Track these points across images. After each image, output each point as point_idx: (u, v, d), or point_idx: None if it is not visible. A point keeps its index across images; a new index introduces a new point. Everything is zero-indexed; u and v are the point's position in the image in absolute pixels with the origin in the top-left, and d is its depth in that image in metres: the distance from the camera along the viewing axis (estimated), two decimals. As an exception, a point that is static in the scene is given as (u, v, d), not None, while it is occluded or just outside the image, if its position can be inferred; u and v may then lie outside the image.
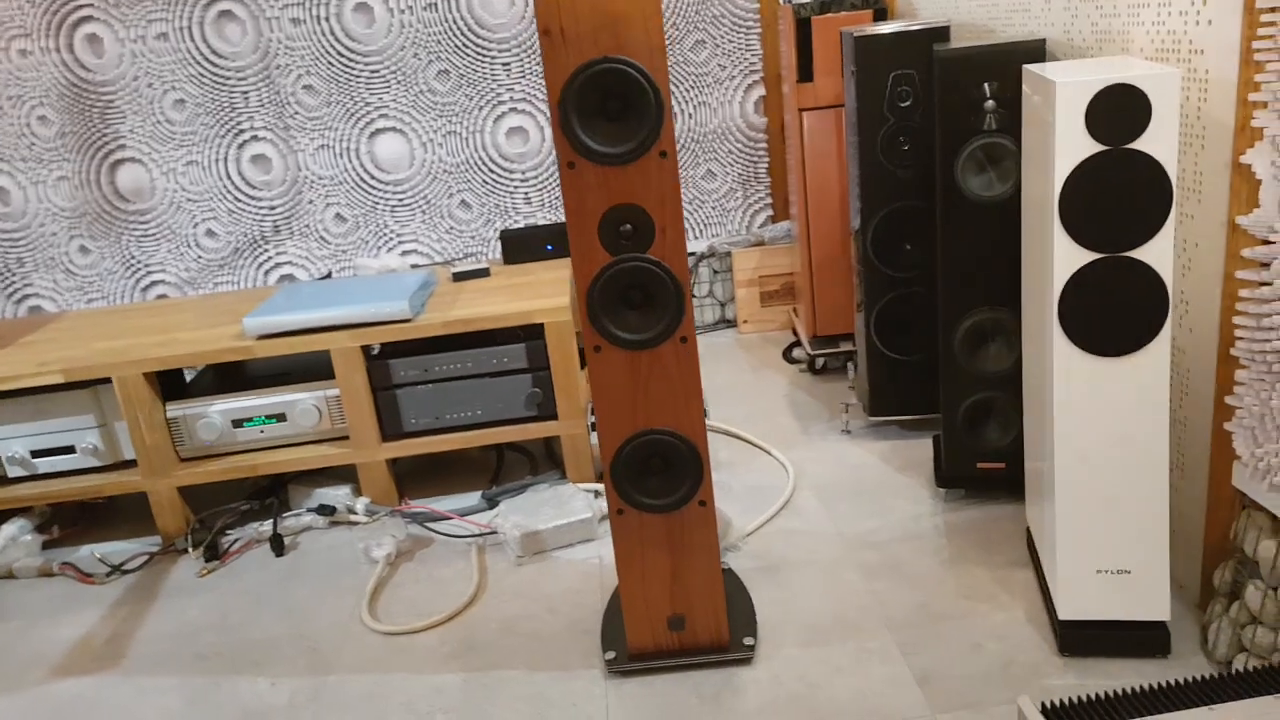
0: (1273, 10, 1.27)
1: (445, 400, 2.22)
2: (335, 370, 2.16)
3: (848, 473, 2.21)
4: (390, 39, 3.01)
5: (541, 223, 3.20)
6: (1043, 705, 1.08)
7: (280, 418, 2.22)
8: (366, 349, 2.21)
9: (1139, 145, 1.36)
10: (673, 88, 3.13)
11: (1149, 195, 1.38)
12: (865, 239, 2.20)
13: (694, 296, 3.28)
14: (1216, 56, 1.40)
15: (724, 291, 3.30)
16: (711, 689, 1.57)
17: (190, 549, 2.17)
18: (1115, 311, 1.43)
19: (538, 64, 3.06)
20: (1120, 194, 1.39)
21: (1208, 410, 1.52)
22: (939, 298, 1.96)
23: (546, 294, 2.26)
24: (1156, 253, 1.40)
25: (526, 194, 3.18)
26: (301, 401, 2.21)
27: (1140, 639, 1.52)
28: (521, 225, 3.21)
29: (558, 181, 3.17)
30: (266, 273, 3.22)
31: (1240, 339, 1.37)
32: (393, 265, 2.65)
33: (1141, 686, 1.19)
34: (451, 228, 3.20)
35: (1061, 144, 1.39)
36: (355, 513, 2.22)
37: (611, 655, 1.64)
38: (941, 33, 2.06)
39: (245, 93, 3.03)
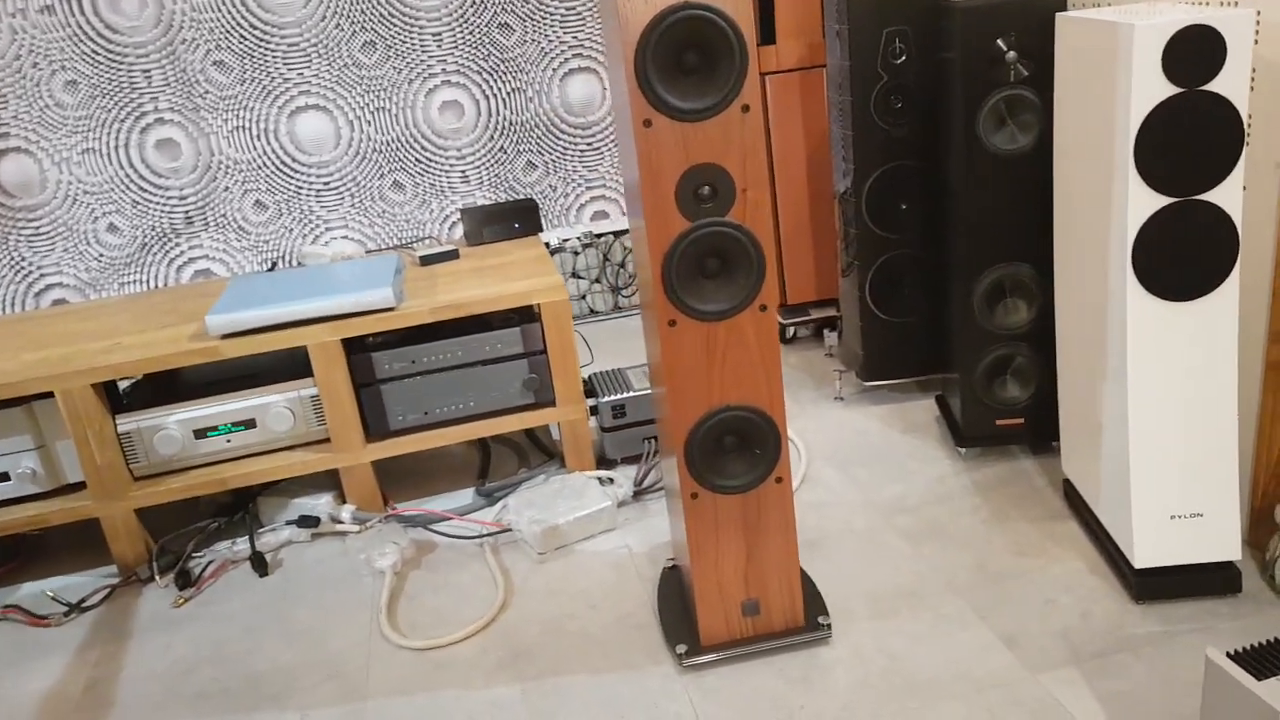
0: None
1: (435, 393, 2.05)
2: (314, 367, 1.96)
3: (854, 439, 2.18)
4: (309, 9, 2.77)
5: (482, 202, 3.04)
6: (1231, 653, 1.05)
7: (249, 424, 2.01)
8: (354, 341, 2.02)
9: (1213, 87, 1.36)
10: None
11: (1221, 138, 1.38)
12: (859, 200, 2.16)
13: (642, 272, 3.19)
14: (1276, -3, 1.40)
15: (670, 266, 3.21)
16: (797, 672, 1.50)
17: (157, 577, 1.94)
18: (1186, 256, 1.43)
19: (469, 33, 2.89)
20: (1192, 137, 1.38)
21: (1259, 349, 1.54)
22: (954, 255, 1.94)
23: (534, 273, 2.13)
24: (1227, 195, 1.40)
25: (464, 172, 3.01)
26: (273, 405, 2.00)
27: (1212, 580, 1.53)
28: (463, 205, 3.03)
29: (497, 158, 3.01)
30: (179, 269, 2.93)
31: (1314, 276, 1.39)
32: (347, 252, 2.44)
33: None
34: (384, 211, 3.00)
35: (1139, 86, 1.37)
36: (342, 522, 2.03)
37: (684, 648, 1.54)
38: (933, -12, 2.03)
39: (147, 71, 2.74)
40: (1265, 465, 1.56)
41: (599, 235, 3.14)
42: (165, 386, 2.10)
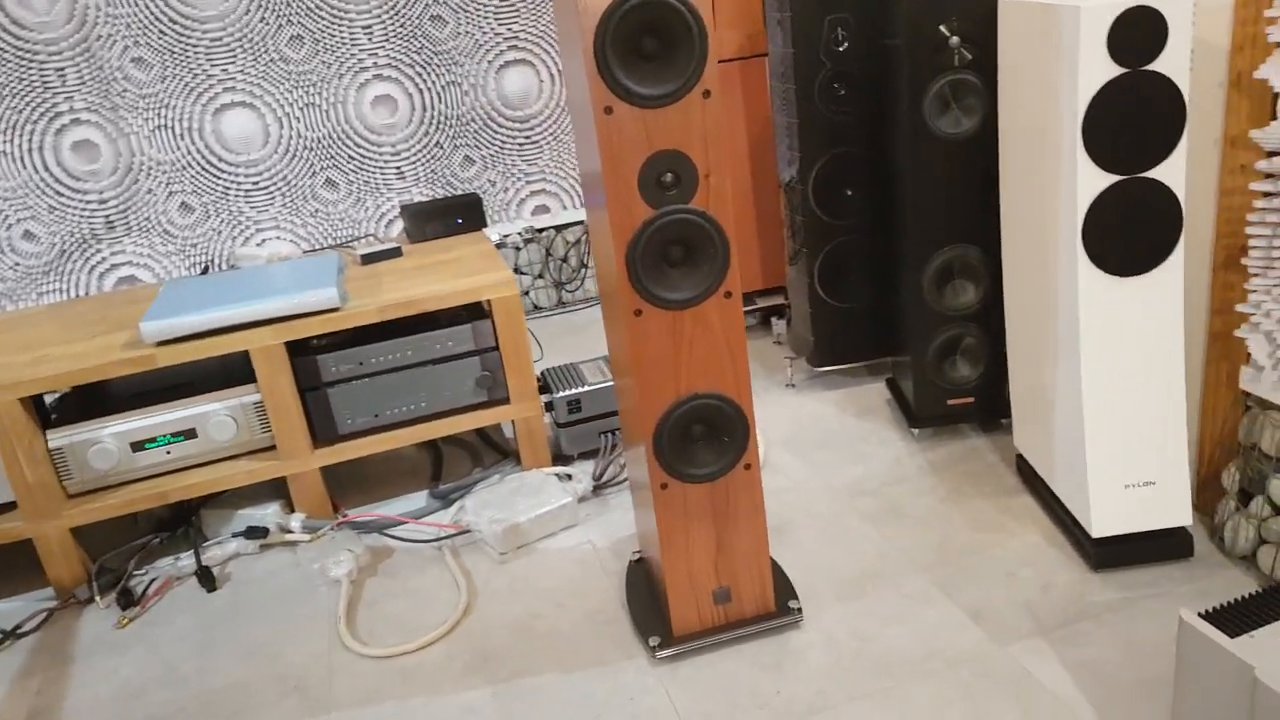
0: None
1: (385, 395, 2.00)
2: (257, 372, 1.90)
3: (809, 425, 2.19)
4: (232, 2, 2.68)
5: (419, 198, 2.98)
6: (1203, 613, 1.08)
7: (189, 434, 1.93)
8: (298, 344, 1.96)
9: (1156, 66, 1.39)
10: (551, 48, 2.98)
11: (1164, 116, 1.41)
12: (806, 188, 2.17)
13: (585, 266, 3.17)
14: (1212, -23, 1.44)
15: (611, 259, 3.19)
16: (770, 658, 1.50)
17: (97, 598, 1.85)
18: (1134, 231, 1.46)
19: (400, 25, 2.83)
20: (1137, 116, 1.41)
21: (1202, 321, 1.59)
22: (902, 239, 1.96)
23: (483, 269, 2.09)
24: (1171, 172, 1.44)
25: (399, 168, 2.95)
26: (214, 413, 1.93)
27: (1165, 545, 1.57)
28: (401, 201, 2.97)
29: (433, 154, 2.96)
30: (101, 276, 2.81)
31: (1255, 248, 1.44)
32: (283, 253, 2.37)
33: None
34: (317, 210, 2.92)
35: (1085, 68, 1.39)
36: (292, 531, 1.97)
37: (656, 640, 1.53)
38: (872, -26, 2.04)
39: (60, 69, 2.62)
40: (1210, 433, 1.60)
41: (540, 230, 3.11)
42: (94, 399, 2.00)
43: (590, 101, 1.26)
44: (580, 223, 3.13)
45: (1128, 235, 1.47)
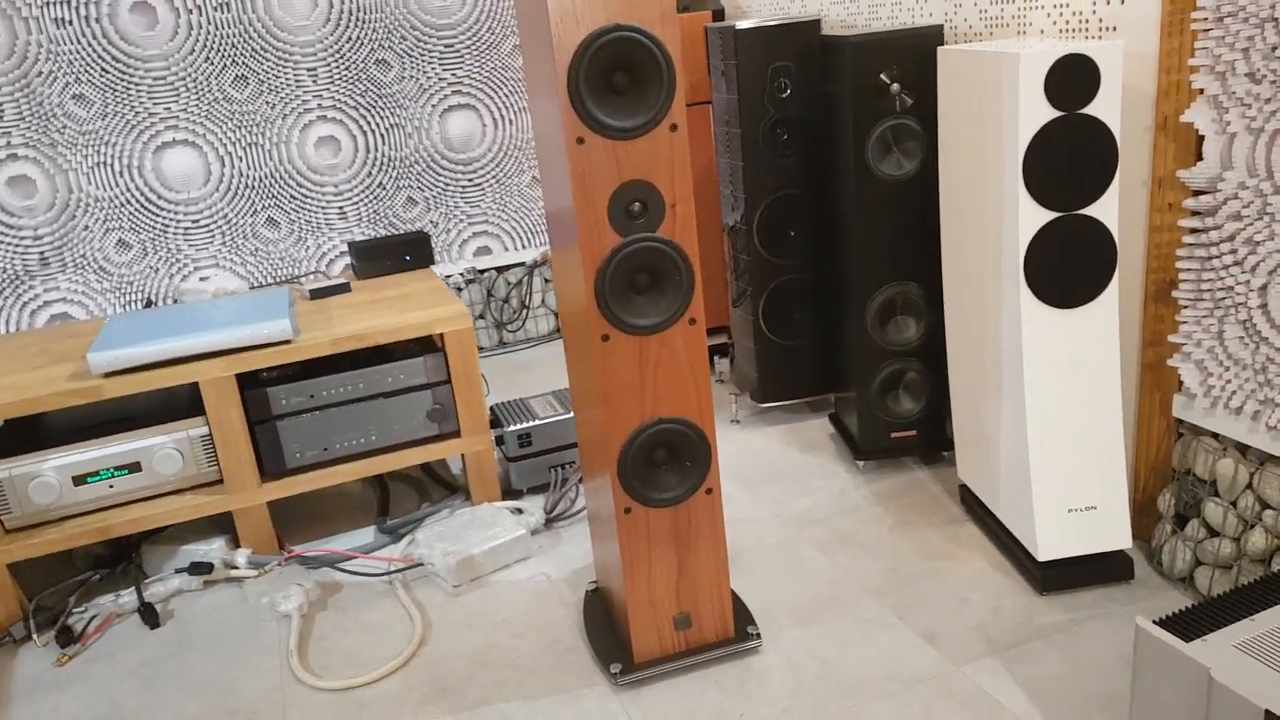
0: (1198, -13, 1.43)
1: (334, 428, 1.99)
2: (206, 405, 1.87)
3: (756, 459, 2.23)
4: (176, 42, 2.67)
5: (361, 238, 2.98)
6: (1158, 620, 1.13)
7: (133, 468, 1.89)
8: (248, 376, 1.94)
9: (1090, 110, 1.49)
10: (494, 93, 3.03)
11: (1098, 156, 1.51)
12: (751, 229, 2.23)
13: (526, 307, 3.19)
14: (1135, 31, 1.56)
15: (557, 301, 3.22)
16: (733, 682, 1.51)
17: (35, 636, 1.78)
18: (1072, 266, 1.55)
19: (345, 68, 2.85)
20: (1073, 156, 1.51)
21: (1134, 352, 1.68)
22: (846, 277, 2.04)
23: (434, 303, 2.10)
24: (1104, 209, 1.53)
25: (341, 208, 2.94)
26: (160, 446, 1.89)
27: (1107, 568, 1.64)
28: (348, 240, 2.96)
29: (376, 194, 2.96)
30: (33, 313, 2.74)
31: (1185, 281, 1.53)
32: (229, 287, 2.34)
33: (1228, 590, 1.29)
34: (257, 249, 2.89)
35: (1025, 111, 1.48)
36: (237, 567, 1.93)
37: (618, 667, 1.53)
38: (814, 26, 2.14)
39: (-3, 102, 2.57)
40: (1145, 459, 1.69)
41: (482, 271, 3.12)
42: (34, 432, 1.95)
43: (562, 133, 1.30)
44: (521, 264, 3.16)
45: (1066, 269, 1.55)
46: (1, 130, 2.58)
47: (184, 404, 2.00)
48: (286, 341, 1.91)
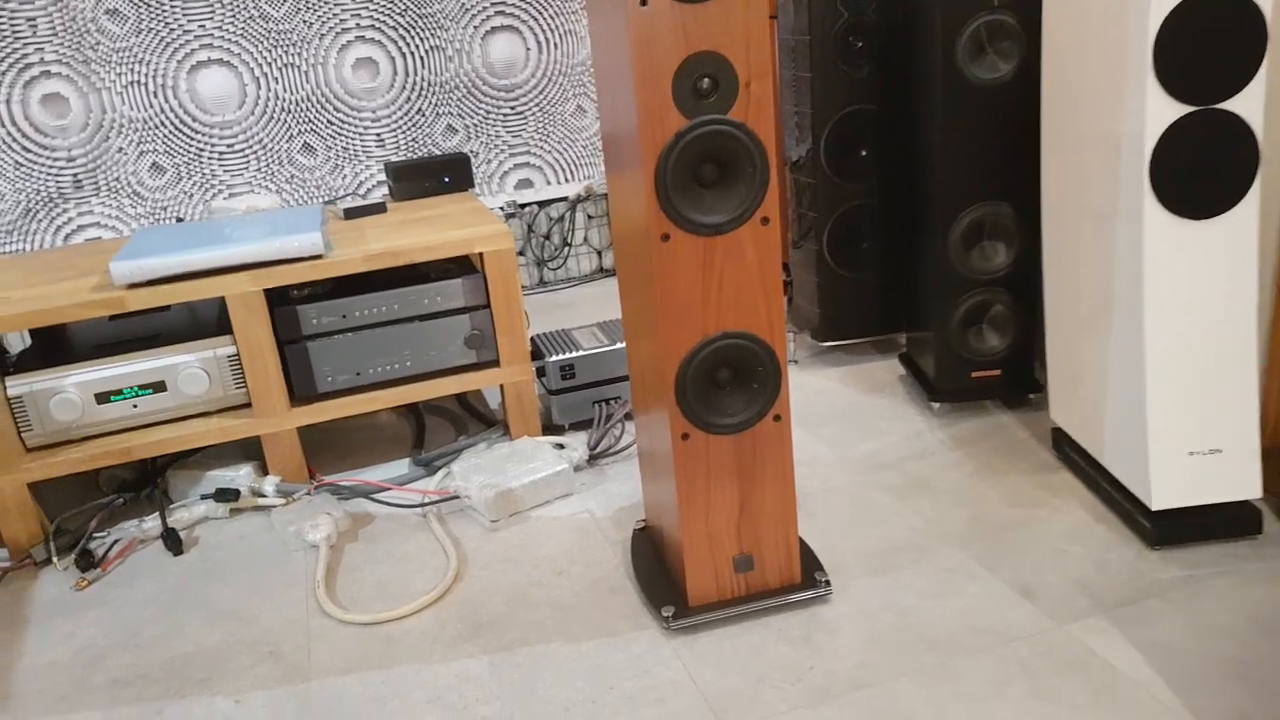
0: None
1: (367, 351, 1.85)
2: (233, 322, 1.74)
3: (816, 401, 2.06)
4: (213, -49, 2.54)
5: (405, 167, 2.84)
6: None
7: (158, 387, 1.77)
8: (277, 294, 1.81)
9: (1231, -13, 1.29)
10: (539, 14, 2.86)
11: (1242, 40, 1.31)
12: (818, 149, 2.05)
13: (568, 244, 3.03)
14: (1285, -101, 1.34)
15: (601, 238, 3.06)
16: (798, 632, 1.36)
17: (55, 559, 1.68)
18: (1206, 170, 1.35)
19: (390, -14, 2.70)
20: (1213, 42, 1.31)
21: (1272, 271, 1.48)
22: (927, 197, 1.85)
23: (474, 223, 1.95)
24: (1247, 103, 1.33)
25: (379, 135, 2.80)
26: (185, 365, 1.77)
27: (1230, 520, 1.45)
28: (381, 170, 2.82)
29: (415, 121, 2.82)
30: (66, 237, 2.64)
31: (1331, 189, 1.33)
32: (262, 206, 2.21)
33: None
34: (293, 176, 2.76)
35: (1155, -12, 1.29)
36: (264, 495, 1.81)
37: (670, 610, 1.38)
38: (897, -77, 1.94)
39: (31, 19, 2.45)
40: (1277, 399, 1.49)
41: (523, 205, 2.97)
42: (58, 348, 1.84)
43: (623, -7, 1.13)
44: (564, 199, 3.00)
45: (1199, 174, 1.35)
46: (35, 45, 2.47)
47: (213, 325, 1.88)
48: (318, 257, 1.77)
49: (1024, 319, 1.87)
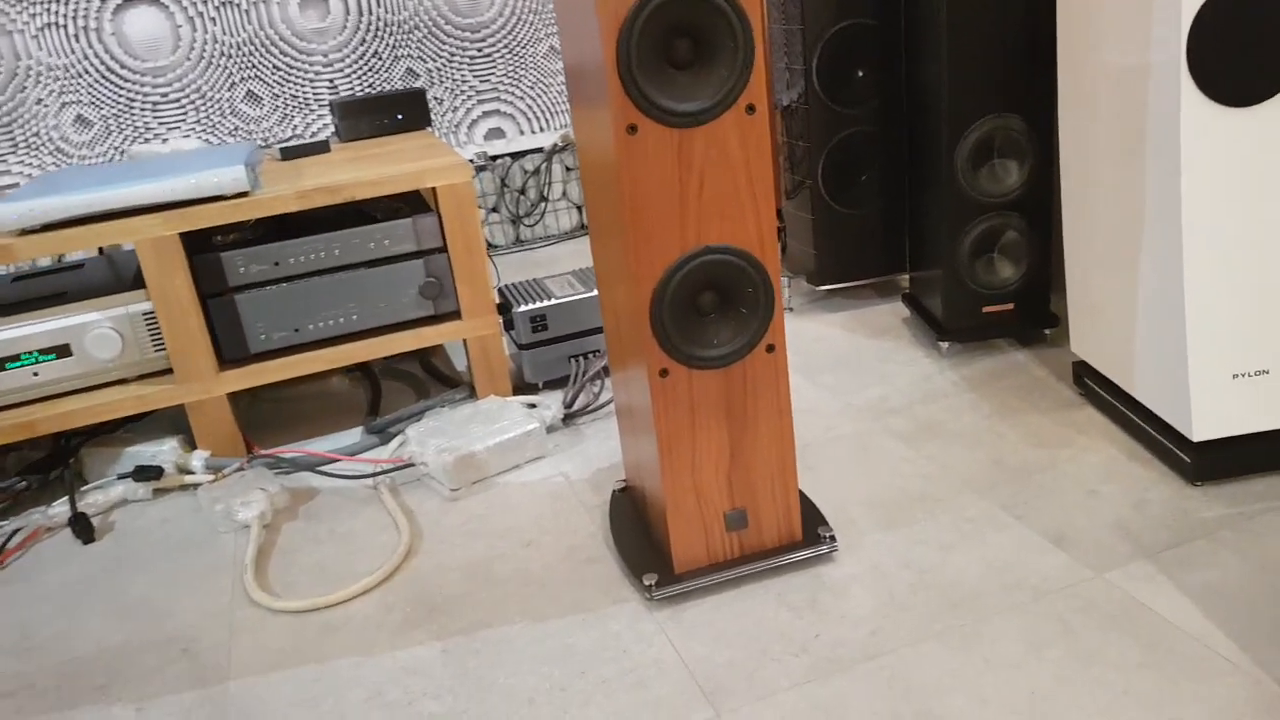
0: None
1: (306, 304, 1.64)
2: (145, 274, 1.53)
3: (815, 347, 1.86)
4: (132, -121, 2.30)
5: (356, 117, 2.61)
6: None
7: (62, 351, 1.55)
8: (198, 239, 1.60)
9: None
10: (501, -52, 2.63)
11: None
12: (809, 70, 1.84)
13: (545, 199, 2.82)
14: None
15: (581, 192, 2.85)
16: (802, 596, 1.16)
17: (-57, 552, 1.47)
18: (1249, 50, 1.16)
19: (332, -82, 2.47)
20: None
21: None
22: (931, 112, 1.65)
23: (427, 156, 1.74)
24: (1305, -36, 1.13)
25: (332, 80, 2.58)
26: (94, 325, 1.56)
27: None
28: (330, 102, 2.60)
29: (371, 65, 2.59)
30: (-18, 201, 2.40)
31: None
32: (189, 148, 1.99)
33: None
34: (237, 128, 2.54)
35: None
36: (192, 471, 1.60)
37: (653, 578, 1.19)
38: None
39: (-75, -49, 2.22)
40: (1337, 311, 1.30)
41: (495, 158, 2.75)
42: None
43: None
44: (539, 149, 2.79)
45: (1242, 54, 1.16)
46: (-68, -16, 2.23)
47: (123, 278, 1.67)
48: (243, 195, 1.56)
49: (1039, 245, 1.67)
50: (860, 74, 1.85)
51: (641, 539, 1.28)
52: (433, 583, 1.29)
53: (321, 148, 1.90)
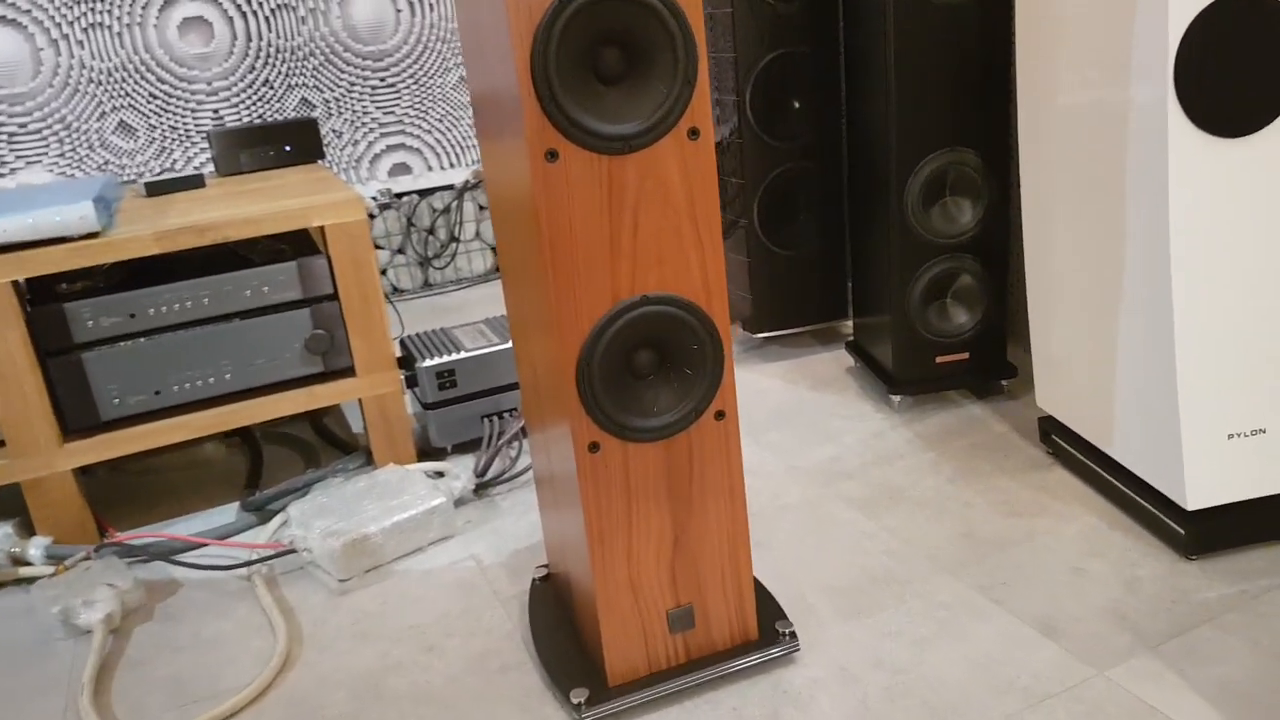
0: None
1: (170, 362, 1.41)
2: (-31, 327, 1.28)
3: (755, 401, 1.70)
4: (-16, -115, 2.06)
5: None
6: None
7: None
8: (37, 288, 1.35)
9: None
10: (404, -28, 2.45)
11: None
12: (743, 99, 1.69)
13: (456, 239, 2.62)
14: None
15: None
16: (761, 711, 0.98)
17: None
18: (1242, 75, 1.04)
19: (216, -65, 2.25)
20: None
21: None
22: (877, 148, 1.51)
23: (315, 191, 1.53)
24: (1301, -20, 1.02)
25: (216, 110, 2.34)
26: (-94, 390, 1.30)
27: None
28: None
29: (261, 94, 2.37)
30: None
31: None
32: (39, 183, 1.74)
33: None
34: (107, 162, 2.28)
35: None
36: (29, 563, 1.35)
37: (582, 695, 0.99)
38: None
39: None
40: (1334, 362, 1.19)
41: (400, 195, 2.54)
42: None
43: None
44: (449, 186, 2.59)
45: (1235, 79, 1.04)
46: None
47: (-48, 333, 1.41)
48: (92, 235, 1.33)
49: (995, 289, 1.54)
50: (796, 105, 1.71)
51: (567, 642, 1.08)
52: (313, 703, 1.06)
53: (195, 182, 1.67)
